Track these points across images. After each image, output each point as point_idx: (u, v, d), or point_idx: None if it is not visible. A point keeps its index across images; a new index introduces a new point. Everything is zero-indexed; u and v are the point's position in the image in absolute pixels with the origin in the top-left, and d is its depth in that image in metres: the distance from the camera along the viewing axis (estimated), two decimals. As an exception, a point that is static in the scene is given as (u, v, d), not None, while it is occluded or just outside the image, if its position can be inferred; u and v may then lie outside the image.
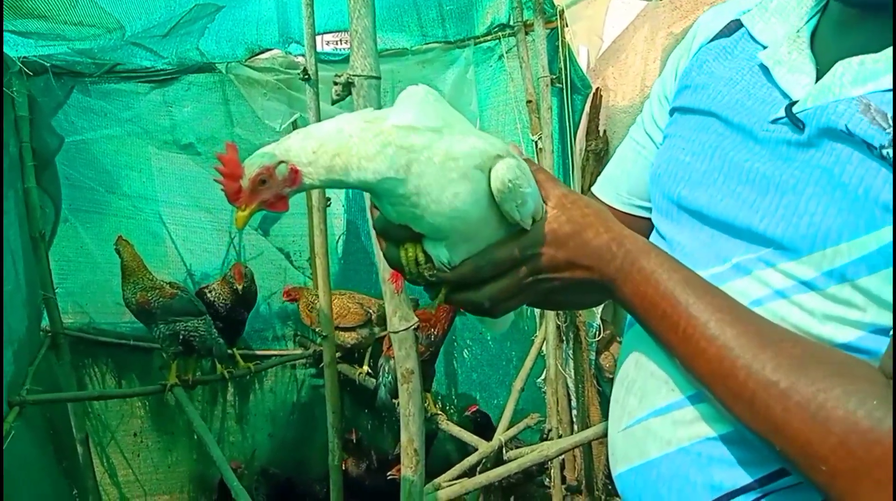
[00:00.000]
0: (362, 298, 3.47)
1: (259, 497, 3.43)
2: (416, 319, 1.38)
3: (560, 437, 3.29)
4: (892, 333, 0.63)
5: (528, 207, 0.73)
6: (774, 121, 0.76)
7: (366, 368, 3.53)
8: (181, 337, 2.95)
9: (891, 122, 0.65)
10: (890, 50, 0.68)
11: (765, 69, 0.81)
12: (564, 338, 3.73)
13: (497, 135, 3.96)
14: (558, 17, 3.43)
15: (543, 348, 3.65)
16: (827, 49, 0.77)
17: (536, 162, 3.17)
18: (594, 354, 3.71)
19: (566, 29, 3.46)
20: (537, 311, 3.96)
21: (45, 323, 3.14)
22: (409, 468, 1.42)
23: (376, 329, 3.41)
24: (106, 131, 3.40)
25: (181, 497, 3.53)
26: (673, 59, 0.99)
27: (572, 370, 3.74)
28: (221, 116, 3.54)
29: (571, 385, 3.63)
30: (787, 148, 0.74)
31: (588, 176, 3.95)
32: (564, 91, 3.62)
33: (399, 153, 0.67)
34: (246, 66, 3.47)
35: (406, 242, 0.75)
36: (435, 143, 0.69)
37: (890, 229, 0.64)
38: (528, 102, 3.63)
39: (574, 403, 3.54)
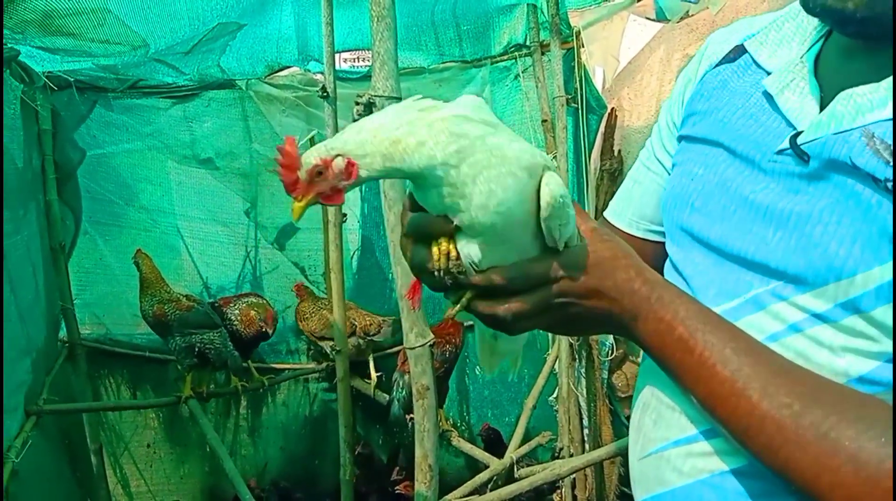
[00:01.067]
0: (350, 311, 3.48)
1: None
2: (432, 335, 1.40)
3: (571, 456, 3.28)
4: (893, 362, 0.64)
5: (569, 228, 0.74)
6: (780, 152, 0.76)
7: (374, 377, 3.54)
8: (196, 349, 2.97)
9: (893, 153, 0.65)
10: (890, 80, 0.69)
11: (769, 97, 0.80)
12: (577, 356, 3.73)
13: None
14: (574, 37, 3.46)
15: (556, 366, 3.65)
16: (832, 75, 0.77)
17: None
18: (606, 372, 3.70)
19: (582, 49, 3.50)
20: (550, 329, 3.94)
21: (62, 334, 3.18)
22: (423, 483, 1.43)
23: (360, 341, 3.40)
24: (127, 146, 3.45)
25: (193, 509, 3.55)
26: (680, 83, 1.00)
27: (584, 389, 3.73)
28: (240, 132, 3.59)
29: (583, 404, 3.62)
30: (794, 180, 0.74)
31: (602, 195, 3.96)
32: (580, 111, 3.65)
33: (452, 140, 0.67)
34: (265, 83, 3.52)
35: (440, 237, 0.74)
36: (489, 135, 0.69)
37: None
38: (544, 121, 3.66)
39: (586, 422, 3.53)
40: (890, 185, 0.65)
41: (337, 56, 3.23)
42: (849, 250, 0.67)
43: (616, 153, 4.05)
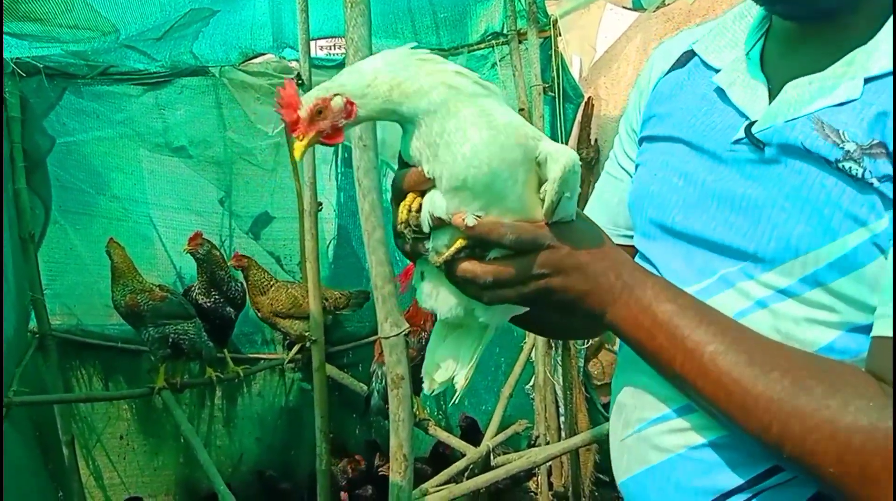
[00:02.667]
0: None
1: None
2: (406, 325, 1.39)
3: (548, 443, 3.30)
4: (893, 339, 0.67)
5: (571, 204, 0.75)
6: (736, 141, 0.82)
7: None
8: (170, 340, 2.94)
9: (843, 137, 0.72)
10: (833, 68, 0.76)
11: (721, 92, 0.86)
12: (553, 345, 3.74)
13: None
14: (552, 26, 3.46)
15: (532, 354, 3.67)
16: (775, 68, 0.83)
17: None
18: (583, 361, 3.73)
19: (559, 38, 3.49)
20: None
21: (32, 324, 3.13)
22: (398, 473, 1.43)
23: (328, 318, 3.37)
24: (97, 133, 3.39)
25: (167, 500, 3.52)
26: (633, 96, 1.06)
27: (561, 377, 3.75)
28: (214, 120, 3.55)
29: (560, 392, 3.64)
30: (751, 166, 0.80)
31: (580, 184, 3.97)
32: (557, 100, 3.65)
33: (448, 92, 0.70)
34: (239, 70, 3.47)
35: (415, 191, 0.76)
36: (481, 96, 0.72)
37: (856, 234, 0.70)
38: (521, 110, 3.65)
39: (562, 410, 3.55)
40: (842, 165, 0.71)
41: (313, 43, 3.20)
42: (806, 228, 0.73)
43: (593, 142, 4.06)
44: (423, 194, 0.76)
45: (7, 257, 2.72)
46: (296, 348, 3.58)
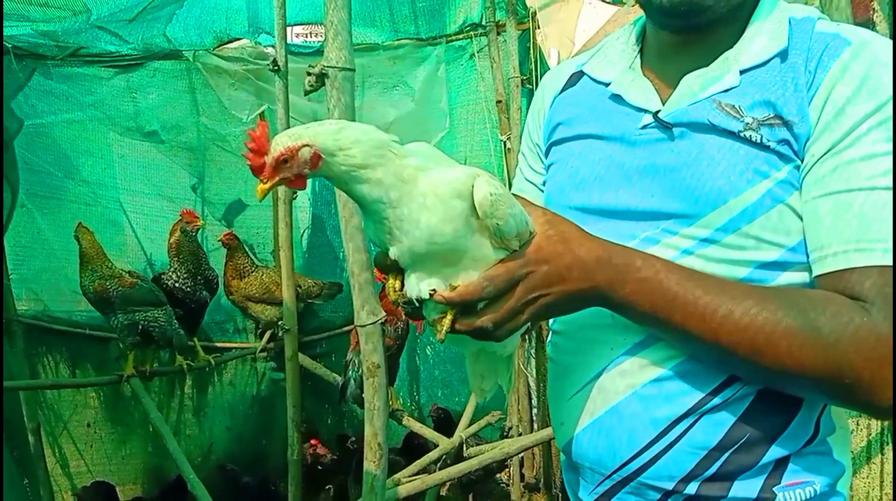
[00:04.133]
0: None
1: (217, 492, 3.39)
2: (383, 313, 1.38)
3: (520, 435, 3.32)
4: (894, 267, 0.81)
5: (511, 224, 0.78)
6: (644, 127, 0.97)
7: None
8: (140, 327, 2.89)
9: (741, 112, 0.89)
10: (715, 64, 0.94)
11: (617, 97, 1.02)
12: (526, 337, 3.76)
13: (466, 133, 3.93)
14: (530, 18, 3.46)
15: (505, 346, 3.67)
16: (655, 74, 1.01)
17: (505, 162, 3.20)
18: (555, 353, 3.75)
19: (538, 31, 3.49)
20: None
21: (-3, 309, 3.06)
22: (372, 462, 1.42)
23: (300, 306, 3.33)
24: (67, 116, 3.33)
25: (134, 489, 3.47)
26: (530, 118, 1.19)
27: (534, 369, 3.77)
28: (187, 105, 3.49)
29: (532, 384, 3.66)
30: (661, 143, 0.95)
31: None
32: (534, 92, 3.64)
33: (400, 187, 0.75)
34: (214, 54, 3.43)
35: (393, 271, 0.83)
36: (422, 176, 0.76)
37: (761, 184, 0.87)
38: (498, 101, 3.65)
39: (535, 401, 3.57)
40: (744, 134, 0.88)
41: (289, 30, 3.16)
42: (719, 183, 0.88)
43: (569, 136, 4.07)
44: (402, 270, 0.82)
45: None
46: (267, 336, 3.55)
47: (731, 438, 0.90)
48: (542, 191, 1.13)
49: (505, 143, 3.67)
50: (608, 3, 3.58)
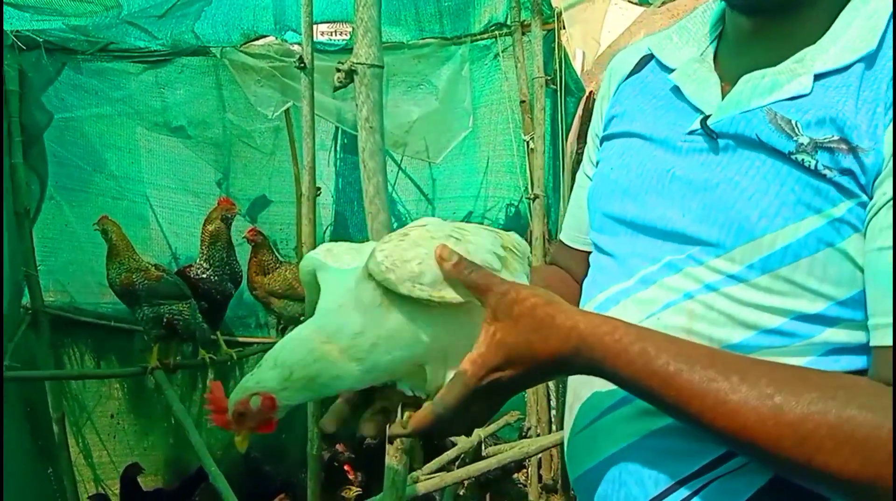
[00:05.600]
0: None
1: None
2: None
3: (538, 436, 3.31)
4: (893, 344, 0.67)
5: (425, 277, 0.72)
6: (691, 132, 0.84)
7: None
8: (165, 320, 2.93)
9: (797, 130, 0.74)
10: (785, 64, 0.78)
11: (676, 90, 0.89)
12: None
13: (490, 133, 3.93)
14: (556, 18, 3.45)
15: (525, 347, 3.67)
16: (728, 66, 0.87)
17: (528, 162, 3.16)
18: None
19: (563, 31, 3.48)
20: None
21: (25, 300, 3.11)
22: (394, 457, 1.43)
23: None
24: (96, 110, 3.37)
25: (155, 481, 3.50)
26: (597, 105, 1.09)
27: (553, 370, 3.76)
28: (214, 101, 3.53)
29: (552, 385, 3.65)
30: (705, 155, 0.82)
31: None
32: (559, 93, 3.64)
33: (363, 365, 0.73)
34: (241, 51, 3.45)
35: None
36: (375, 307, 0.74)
37: (807, 221, 0.72)
38: (522, 102, 3.64)
39: (553, 403, 3.56)
40: (794, 157, 0.73)
41: (314, 27, 3.18)
42: (750, 213, 0.75)
43: (592, 137, 4.05)
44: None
45: (2, 231, 2.70)
46: (289, 330, 3.57)
47: None
48: None
49: (528, 143, 3.66)
50: (634, 3, 3.56)
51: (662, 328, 0.79)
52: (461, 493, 3.52)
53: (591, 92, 4.03)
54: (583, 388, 0.92)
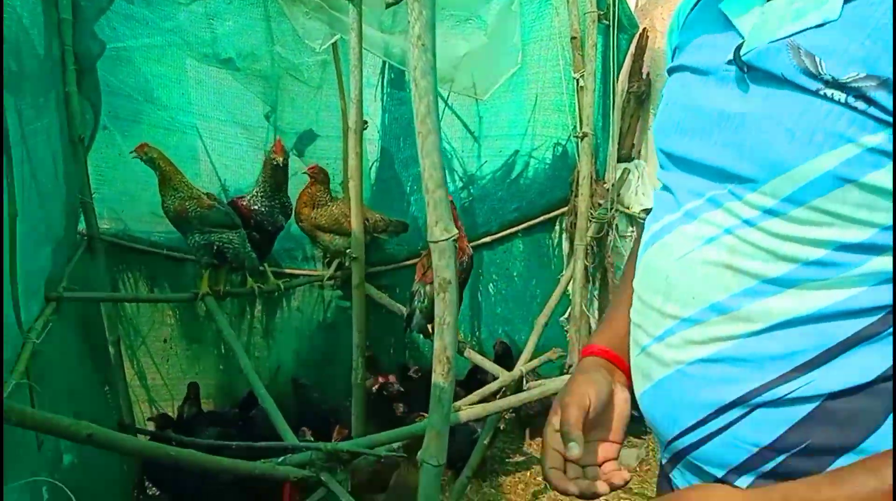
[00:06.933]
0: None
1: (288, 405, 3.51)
2: (456, 230, 1.39)
3: (580, 373, 3.32)
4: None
5: None
6: (729, 62, 0.85)
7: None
8: (215, 248, 2.99)
9: (820, 68, 0.73)
10: None
11: (724, 15, 0.89)
12: (591, 278, 3.74)
13: (538, 70, 3.85)
14: (611, -51, 3.34)
15: (569, 287, 3.67)
16: None
17: (577, 101, 3.11)
18: (619, 295, 3.72)
19: (618, -38, 3.38)
20: (565, 249, 3.96)
21: (81, 226, 3.19)
22: (440, 375, 1.45)
23: (367, 237, 3.35)
24: (146, 40, 3.37)
25: (207, 404, 3.63)
26: (668, 38, 1.10)
27: (596, 311, 3.76)
28: (262, 33, 3.51)
29: (594, 326, 3.65)
30: (739, 86, 0.83)
31: (628, 119, 3.90)
32: (611, 29, 3.55)
33: None
34: (289, -18, 3.42)
35: None
36: None
37: (840, 150, 0.72)
38: (573, 38, 3.57)
39: (595, 341, 3.56)
40: (822, 92, 0.73)
41: (365, -42, 3.13)
42: (782, 147, 0.76)
43: (644, 76, 3.96)
44: None
45: (58, 156, 2.76)
46: (335, 265, 3.62)
47: (787, 441, 0.80)
48: None
49: (578, 81, 3.60)
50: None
51: (702, 263, 0.84)
52: (501, 427, 3.58)
53: (644, 29, 3.91)
54: (636, 315, 0.98)
